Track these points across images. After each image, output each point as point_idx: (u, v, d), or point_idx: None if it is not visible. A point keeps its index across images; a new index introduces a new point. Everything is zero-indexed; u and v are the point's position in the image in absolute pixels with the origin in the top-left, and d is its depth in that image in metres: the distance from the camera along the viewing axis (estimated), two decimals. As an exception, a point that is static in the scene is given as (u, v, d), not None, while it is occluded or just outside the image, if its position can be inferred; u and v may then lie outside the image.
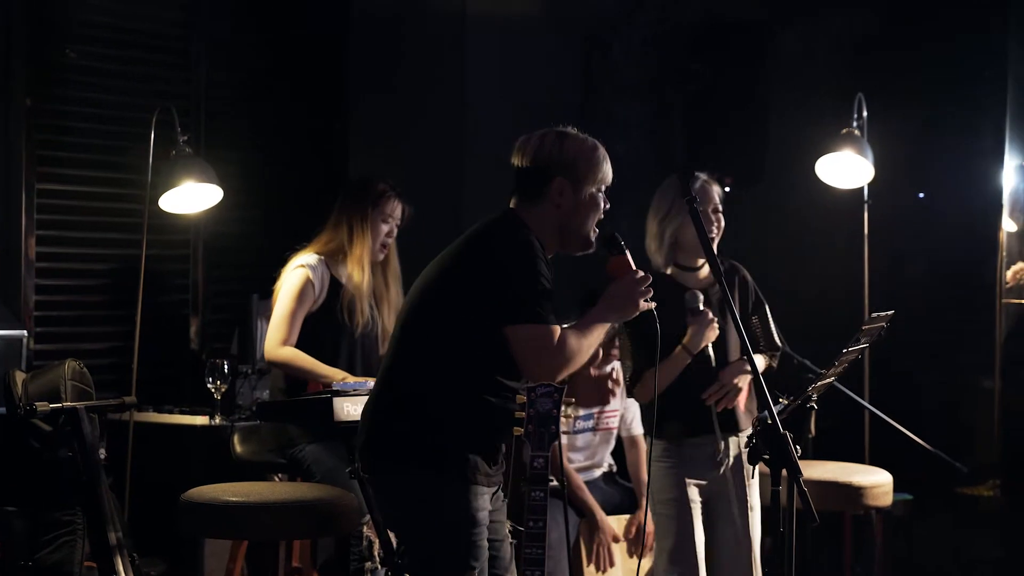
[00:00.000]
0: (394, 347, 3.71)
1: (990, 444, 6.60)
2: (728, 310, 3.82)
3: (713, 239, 4.54)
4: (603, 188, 3.76)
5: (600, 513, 5.49)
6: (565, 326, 3.60)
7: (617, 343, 5.46)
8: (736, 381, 4.56)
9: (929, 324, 6.74)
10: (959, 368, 6.83)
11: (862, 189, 6.42)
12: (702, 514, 4.61)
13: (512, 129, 3.91)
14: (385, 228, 5.12)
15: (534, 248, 3.60)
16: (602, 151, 3.78)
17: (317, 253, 5.08)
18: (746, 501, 4.63)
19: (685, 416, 4.51)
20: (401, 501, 3.64)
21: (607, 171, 3.77)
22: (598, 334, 3.65)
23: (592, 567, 5.53)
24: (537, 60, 7.31)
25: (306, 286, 4.99)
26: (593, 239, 3.76)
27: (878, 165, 6.26)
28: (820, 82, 7.09)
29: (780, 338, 4.87)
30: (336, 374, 4.87)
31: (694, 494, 4.55)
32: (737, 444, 4.64)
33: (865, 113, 6.26)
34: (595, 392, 5.60)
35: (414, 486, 3.58)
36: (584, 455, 5.71)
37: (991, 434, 6.59)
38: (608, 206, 3.78)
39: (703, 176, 4.57)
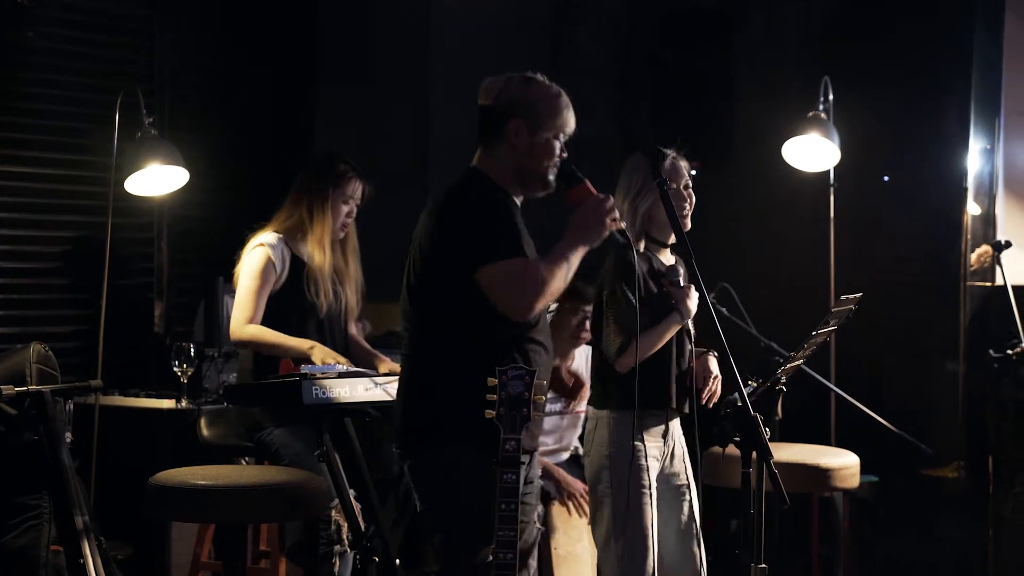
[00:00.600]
0: (405, 333, 3.77)
1: (954, 426, 6.63)
2: (697, 285, 3.81)
3: (685, 216, 4.52)
4: (562, 136, 3.77)
5: (559, 471, 5.49)
6: None
7: (588, 325, 5.45)
8: (715, 369, 4.53)
9: (894, 307, 6.77)
10: (924, 351, 6.87)
11: (828, 172, 6.44)
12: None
13: (477, 113, 3.90)
14: (345, 208, 5.09)
15: (488, 195, 3.67)
16: (565, 99, 3.81)
17: (276, 231, 5.04)
18: (692, 481, 4.58)
19: (654, 386, 4.44)
20: (425, 478, 3.70)
21: (568, 119, 3.79)
22: (570, 263, 3.66)
23: (558, 551, 5.54)
24: (504, 43, 7.30)
25: (267, 265, 4.95)
26: (550, 180, 3.76)
27: (844, 149, 6.28)
28: (786, 66, 7.11)
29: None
30: (303, 344, 4.84)
31: (653, 477, 4.46)
32: (678, 424, 4.60)
33: (831, 96, 6.27)
34: (568, 342, 5.61)
35: (436, 462, 3.65)
36: (552, 439, 5.71)
37: (955, 416, 6.62)
38: (565, 154, 3.79)
39: (672, 152, 4.53)
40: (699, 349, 4.56)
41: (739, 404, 3.66)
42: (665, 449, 4.50)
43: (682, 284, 4.40)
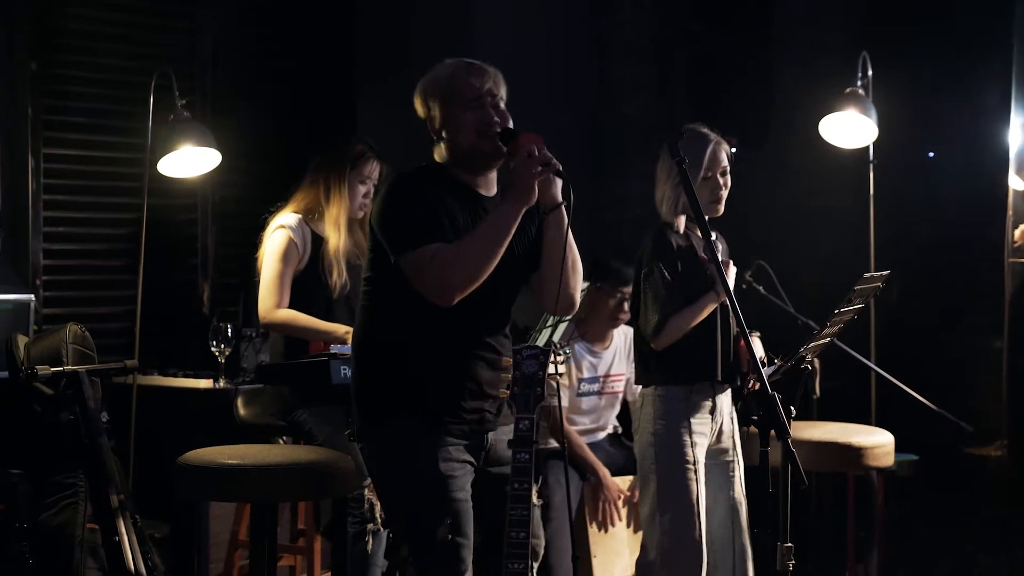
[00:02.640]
0: (358, 314, 3.81)
1: (998, 404, 6.55)
2: (717, 268, 3.81)
3: (718, 202, 4.53)
4: (471, 103, 3.69)
5: (603, 470, 5.51)
6: None
7: (626, 307, 5.46)
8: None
9: (936, 284, 6.71)
10: (966, 328, 6.80)
11: (867, 149, 6.39)
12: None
13: (521, 96, 3.89)
14: (363, 189, 5.09)
15: (406, 183, 3.65)
16: (450, 67, 3.76)
17: (295, 211, 5.07)
18: (737, 458, 4.60)
19: (705, 361, 4.45)
20: (375, 454, 3.72)
21: (464, 83, 3.71)
22: (497, 231, 3.54)
23: (594, 527, 5.56)
24: (545, 23, 7.29)
25: (289, 246, 4.97)
26: (491, 148, 3.67)
27: (884, 125, 6.22)
28: (825, 42, 7.04)
29: None
30: (338, 328, 4.86)
31: (700, 454, 4.48)
32: (728, 396, 4.60)
33: (870, 72, 6.22)
34: (605, 323, 5.62)
35: (384, 438, 3.66)
36: (590, 419, 5.73)
37: (998, 394, 6.54)
38: (491, 114, 3.69)
39: (714, 137, 4.54)
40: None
41: (756, 385, 3.66)
42: (713, 425, 4.52)
43: (720, 259, 4.39)
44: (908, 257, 6.84)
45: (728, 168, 4.57)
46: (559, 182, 3.62)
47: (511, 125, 3.68)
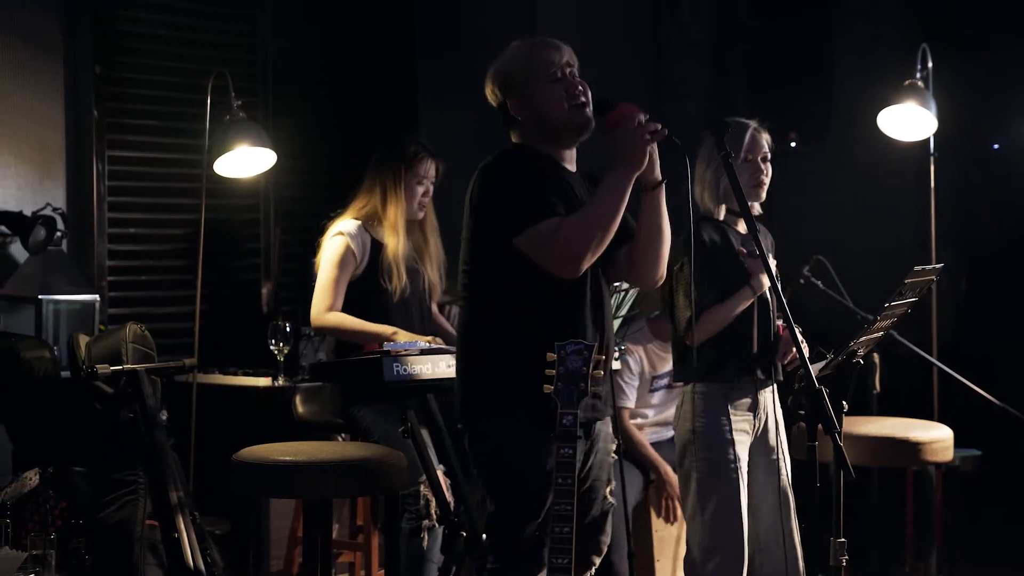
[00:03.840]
0: (461, 304, 3.78)
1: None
2: (761, 255, 3.78)
3: (760, 186, 4.51)
4: (556, 72, 3.69)
5: (665, 467, 5.50)
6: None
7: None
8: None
9: (1000, 277, 6.64)
10: (1031, 323, 6.73)
11: (928, 142, 6.32)
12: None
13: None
14: (420, 189, 5.11)
15: (509, 163, 3.63)
16: (528, 43, 3.76)
17: (355, 218, 5.09)
18: (782, 455, 4.57)
19: (741, 356, 4.44)
20: (480, 450, 3.71)
21: (546, 55, 3.71)
22: (613, 199, 3.55)
23: (658, 527, 5.56)
24: (605, 23, 7.28)
25: (346, 253, 5.00)
26: (581, 118, 3.68)
27: (946, 117, 6.16)
28: (885, 33, 6.98)
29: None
30: (385, 330, 4.88)
31: (742, 451, 4.46)
32: (773, 393, 4.57)
33: (930, 64, 6.15)
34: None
35: (493, 432, 3.65)
36: (654, 411, 5.70)
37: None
38: (577, 83, 3.70)
39: (753, 124, 4.52)
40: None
41: (803, 382, 3.63)
42: (756, 422, 4.48)
43: (757, 252, 4.36)
44: (972, 250, 6.77)
45: (769, 155, 4.55)
46: (656, 161, 3.64)
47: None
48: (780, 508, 4.49)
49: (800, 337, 4.40)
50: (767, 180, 4.52)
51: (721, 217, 4.53)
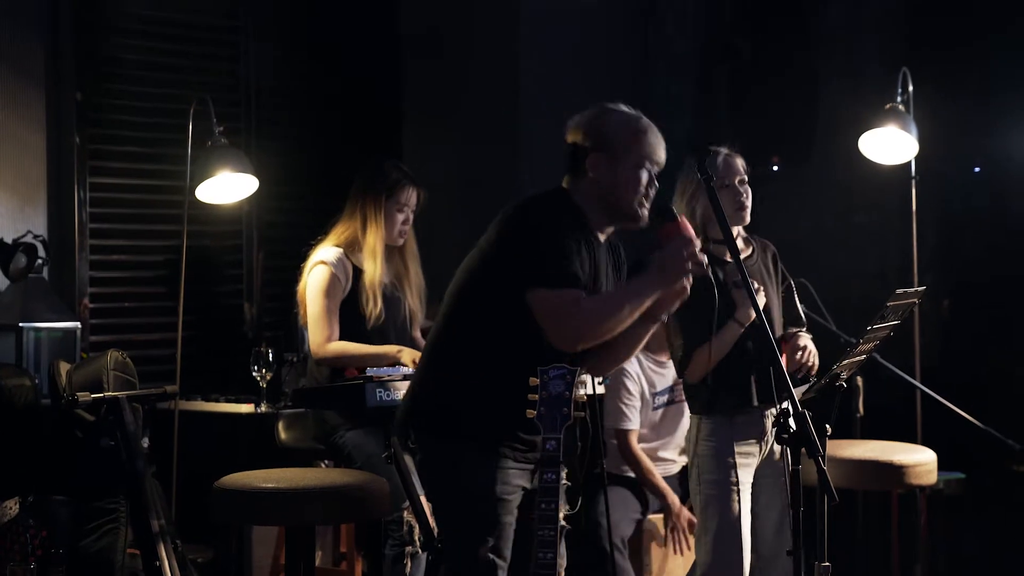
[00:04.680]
0: (437, 325, 3.78)
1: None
2: (746, 286, 3.78)
3: (742, 210, 4.51)
4: (647, 165, 3.72)
5: (672, 497, 5.46)
6: None
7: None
8: (807, 344, 4.50)
9: (983, 300, 6.65)
10: (1012, 344, 6.73)
11: (909, 165, 6.34)
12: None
13: (565, 112, 3.90)
14: (401, 216, 5.10)
15: (553, 221, 3.63)
16: (644, 125, 3.75)
17: (335, 245, 5.08)
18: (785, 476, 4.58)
19: (738, 389, 4.44)
20: (433, 469, 3.74)
21: (651, 146, 3.73)
22: (633, 304, 3.60)
23: (659, 553, 5.53)
24: (589, 40, 7.30)
25: (332, 281, 4.99)
26: (640, 214, 3.72)
27: (927, 140, 6.17)
28: (868, 56, 7.01)
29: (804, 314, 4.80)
30: (391, 348, 4.89)
31: (745, 475, 4.48)
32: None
33: (911, 87, 6.17)
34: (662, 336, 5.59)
35: (443, 456, 3.67)
36: (654, 432, 5.65)
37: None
38: (655, 184, 3.75)
39: (724, 150, 4.53)
40: (790, 331, 4.56)
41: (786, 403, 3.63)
42: (763, 446, 4.52)
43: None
44: (954, 273, 6.79)
45: (745, 178, 4.55)
46: (678, 303, 3.72)
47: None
48: (782, 527, 4.52)
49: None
50: (748, 203, 4.52)
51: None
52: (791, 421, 3.50)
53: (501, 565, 3.63)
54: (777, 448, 4.54)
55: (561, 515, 3.77)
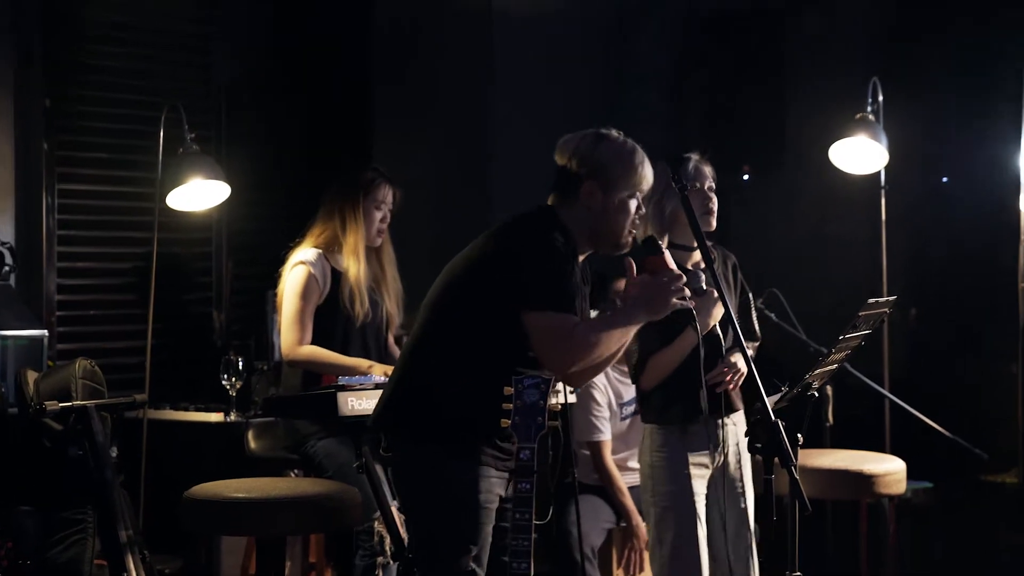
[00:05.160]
0: (417, 331, 3.77)
1: (1013, 430, 6.51)
2: (719, 292, 3.80)
3: (712, 212, 4.52)
4: (638, 194, 3.76)
5: (636, 518, 5.44)
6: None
7: None
8: (738, 363, 4.50)
9: (950, 310, 6.69)
10: (981, 354, 6.77)
11: (879, 174, 6.37)
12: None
13: (538, 122, 3.90)
14: (378, 215, 5.11)
15: (556, 243, 3.65)
16: (639, 156, 3.77)
17: (314, 246, 5.07)
18: (745, 487, 4.58)
19: (691, 399, 4.43)
20: (410, 476, 3.71)
21: (643, 176, 3.76)
22: (621, 332, 3.65)
23: (621, 571, 5.53)
24: (562, 52, 7.31)
25: (310, 282, 4.98)
26: (625, 242, 3.77)
27: (896, 150, 6.20)
28: (838, 68, 7.05)
29: (758, 328, 4.82)
30: (361, 363, 4.87)
31: (699, 486, 4.47)
32: (735, 428, 4.58)
33: (881, 98, 6.20)
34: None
35: (423, 461, 3.66)
36: (622, 443, 5.64)
37: (1014, 420, 6.50)
38: (643, 211, 3.80)
39: (695, 156, 4.55)
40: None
41: (760, 413, 3.63)
42: (717, 456, 4.50)
43: (704, 289, 4.34)
44: (922, 283, 6.82)
45: (713, 185, 4.57)
46: None
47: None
48: (738, 540, 4.50)
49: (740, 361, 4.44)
50: (715, 208, 4.55)
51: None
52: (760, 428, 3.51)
53: (480, 573, 3.62)
54: (732, 459, 4.54)
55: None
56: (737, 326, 3.79)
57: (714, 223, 4.53)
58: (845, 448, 5.69)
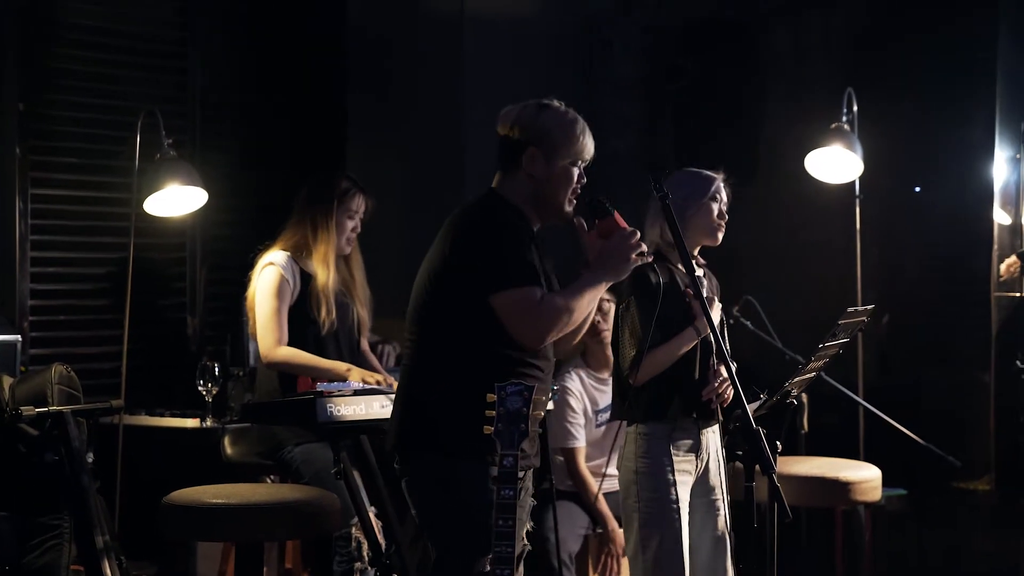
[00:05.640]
0: (405, 347, 3.79)
1: (985, 438, 6.56)
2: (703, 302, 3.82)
3: (722, 229, 4.54)
4: (580, 163, 3.78)
5: (612, 523, 5.45)
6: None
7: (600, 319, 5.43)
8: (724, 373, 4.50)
9: (924, 318, 6.73)
10: (954, 362, 6.81)
11: (853, 184, 6.40)
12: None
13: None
14: (350, 224, 5.11)
15: (507, 220, 3.67)
16: (581, 125, 3.79)
17: (283, 249, 5.07)
18: (723, 495, 4.58)
19: (685, 395, 4.44)
20: (422, 487, 3.71)
21: (584, 145, 3.78)
22: (590, 296, 3.68)
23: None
24: (535, 59, 7.32)
25: (282, 283, 4.98)
26: (568, 210, 3.78)
27: (870, 160, 6.24)
28: (812, 77, 7.08)
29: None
30: (340, 366, 4.86)
31: (683, 492, 4.46)
32: (714, 436, 4.58)
33: (856, 108, 6.24)
34: (603, 353, 5.58)
35: (431, 470, 3.67)
36: (595, 449, 5.66)
37: (986, 428, 6.55)
38: (584, 181, 3.80)
39: (720, 175, 4.59)
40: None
41: (743, 418, 3.65)
42: (698, 463, 4.50)
43: (705, 295, 4.36)
44: (896, 291, 6.86)
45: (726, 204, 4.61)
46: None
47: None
48: (716, 549, 4.51)
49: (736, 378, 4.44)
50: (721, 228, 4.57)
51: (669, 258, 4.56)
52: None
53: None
54: (713, 466, 4.54)
55: (523, 533, 3.79)
56: (722, 339, 3.81)
57: (719, 239, 4.55)
58: (819, 455, 5.71)
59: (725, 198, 4.60)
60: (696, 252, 4.55)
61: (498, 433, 3.46)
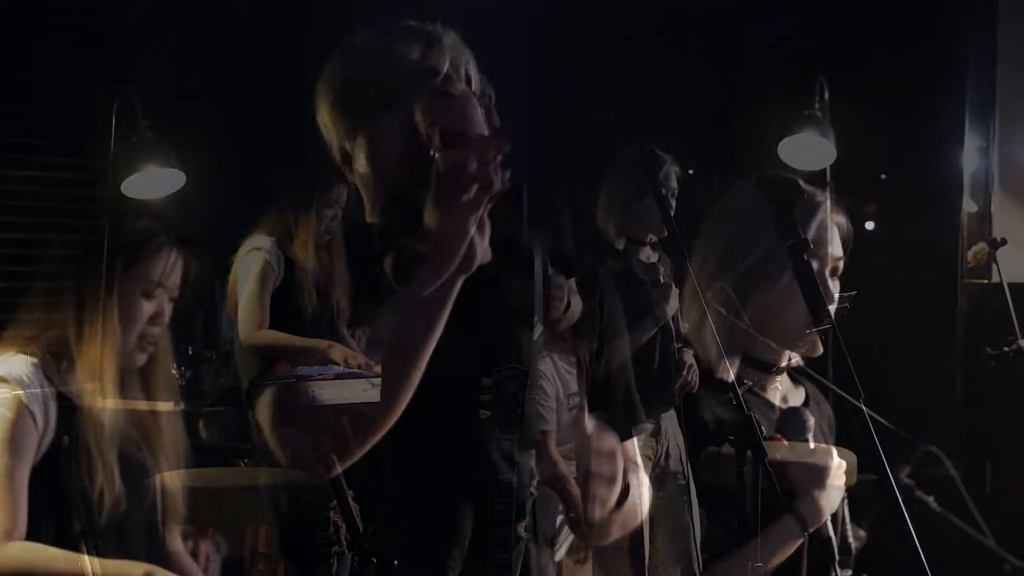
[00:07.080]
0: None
1: (952, 425, 6.63)
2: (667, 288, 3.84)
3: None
4: None
5: (582, 508, 5.46)
6: None
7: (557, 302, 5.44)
8: (690, 360, 4.55)
9: (891, 304, 6.78)
10: (920, 348, 6.88)
11: (825, 171, 6.43)
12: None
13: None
14: (330, 212, 5.13)
15: None
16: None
17: (267, 235, 5.07)
18: (692, 480, 4.60)
19: (644, 389, 4.46)
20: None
21: None
22: None
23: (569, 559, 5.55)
24: (504, 45, 7.31)
25: (266, 267, 4.99)
26: None
27: (840, 148, 6.28)
28: (784, 66, 7.12)
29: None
30: (320, 343, 4.88)
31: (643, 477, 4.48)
32: (672, 420, 4.62)
33: (827, 95, 6.27)
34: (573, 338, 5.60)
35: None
36: (567, 433, 5.68)
37: (953, 414, 6.62)
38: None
39: (669, 157, 4.59)
40: (676, 347, 4.59)
41: (733, 403, 3.67)
42: (658, 448, 4.52)
43: (662, 281, 4.41)
44: (863, 278, 6.90)
45: (676, 189, 4.62)
46: None
47: None
48: (682, 535, 4.54)
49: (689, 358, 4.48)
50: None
51: (622, 247, 4.57)
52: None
53: (452, 566, 3.62)
54: (674, 454, 4.57)
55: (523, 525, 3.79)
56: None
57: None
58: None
59: (674, 182, 4.62)
60: (649, 237, 4.58)
61: (495, 417, 3.46)
